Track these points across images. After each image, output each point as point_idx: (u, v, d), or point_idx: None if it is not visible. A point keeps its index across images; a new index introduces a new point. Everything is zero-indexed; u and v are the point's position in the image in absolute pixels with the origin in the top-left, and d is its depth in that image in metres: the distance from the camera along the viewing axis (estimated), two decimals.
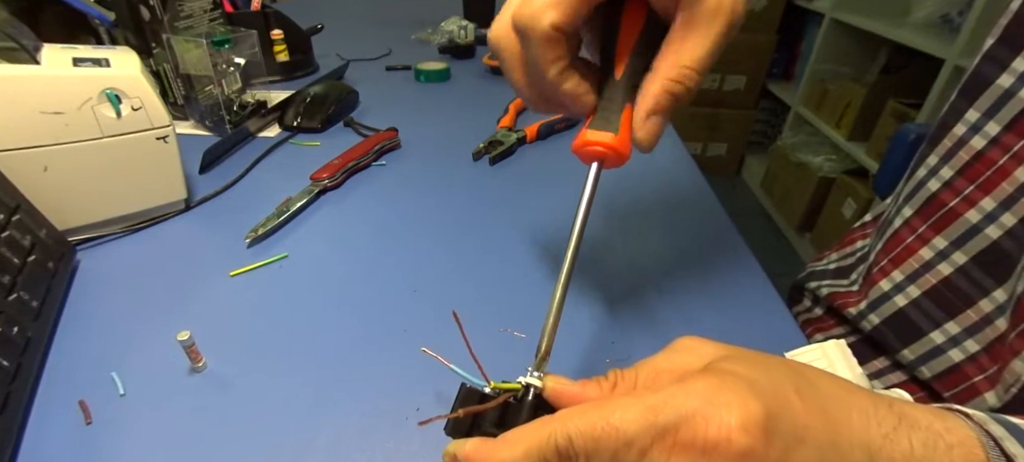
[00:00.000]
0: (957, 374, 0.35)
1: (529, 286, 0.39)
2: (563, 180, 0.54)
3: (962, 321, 0.34)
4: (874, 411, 0.18)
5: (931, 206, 0.36)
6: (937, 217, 0.36)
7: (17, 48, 0.38)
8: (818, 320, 0.50)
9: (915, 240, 0.37)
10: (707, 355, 0.20)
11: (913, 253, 0.37)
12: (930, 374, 0.37)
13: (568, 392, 0.21)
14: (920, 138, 0.65)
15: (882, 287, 0.39)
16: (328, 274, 0.40)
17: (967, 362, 0.34)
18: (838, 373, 0.23)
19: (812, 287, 0.50)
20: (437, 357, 0.24)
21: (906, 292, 0.38)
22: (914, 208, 0.38)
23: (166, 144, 0.43)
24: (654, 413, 0.17)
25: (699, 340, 0.22)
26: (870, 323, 0.41)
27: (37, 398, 0.29)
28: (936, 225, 0.36)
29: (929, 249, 0.36)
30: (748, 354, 0.20)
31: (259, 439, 0.27)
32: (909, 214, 0.38)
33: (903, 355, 0.38)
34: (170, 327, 0.31)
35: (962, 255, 0.34)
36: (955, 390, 0.35)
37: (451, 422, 0.21)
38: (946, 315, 0.35)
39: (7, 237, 0.32)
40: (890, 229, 0.40)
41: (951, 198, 0.35)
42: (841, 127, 1.71)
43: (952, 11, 1.44)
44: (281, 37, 0.80)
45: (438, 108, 0.74)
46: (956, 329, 0.35)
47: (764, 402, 0.17)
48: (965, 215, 0.34)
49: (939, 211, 0.35)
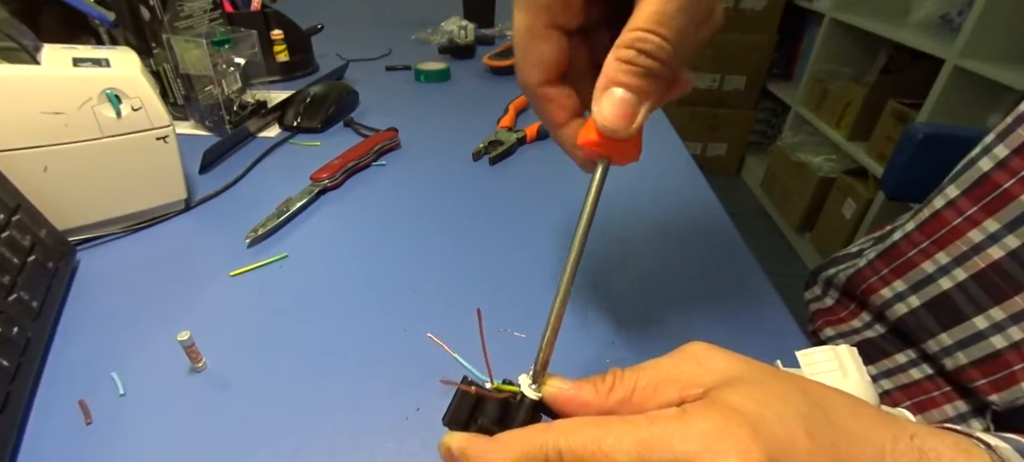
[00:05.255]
0: (997, 361, 0.34)
1: (529, 286, 0.39)
2: (563, 180, 0.54)
3: (1008, 307, 0.33)
4: (892, 447, 0.17)
5: (982, 187, 0.34)
6: (990, 199, 0.34)
7: (17, 48, 0.38)
8: (828, 311, 0.49)
9: (963, 222, 0.35)
10: (716, 371, 0.19)
11: (961, 235, 0.36)
12: (967, 360, 0.35)
13: (565, 397, 0.21)
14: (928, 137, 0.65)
15: (925, 269, 0.38)
16: (328, 274, 0.40)
17: (1009, 349, 0.33)
18: (849, 378, 0.23)
19: (830, 274, 0.49)
20: (441, 344, 0.24)
21: (952, 274, 0.36)
22: (961, 188, 0.36)
23: (166, 144, 0.43)
24: (647, 449, 0.16)
25: (709, 350, 0.20)
26: (908, 306, 0.39)
27: (37, 398, 0.29)
28: (988, 207, 0.34)
29: (979, 231, 0.34)
30: (761, 376, 0.19)
31: (259, 439, 0.27)
32: (955, 195, 0.36)
33: (940, 340, 0.37)
34: (170, 327, 0.31)
35: (1015, 239, 0.32)
36: (993, 377, 0.34)
37: (450, 413, 0.21)
38: (992, 300, 0.34)
39: (7, 237, 0.32)
40: (929, 209, 0.38)
41: (1006, 178, 0.33)
42: (841, 127, 1.71)
43: (952, 11, 1.44)
44: (281, 37, 0.80)
45: (438, 108, 0.74)
46: (1001, 315, 0.33)
47: (767, 450, 0.16)
48: (1021, 197, 0.32)
49: (992, 192, 0.34)
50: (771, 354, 0.30)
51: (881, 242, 0.43)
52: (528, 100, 0.25)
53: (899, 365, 0.42)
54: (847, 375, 0.22)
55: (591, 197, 0.23)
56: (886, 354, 0.43)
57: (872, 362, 0.44)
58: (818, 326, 0.50)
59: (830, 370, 0.23)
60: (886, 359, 0.43)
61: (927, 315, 0.38)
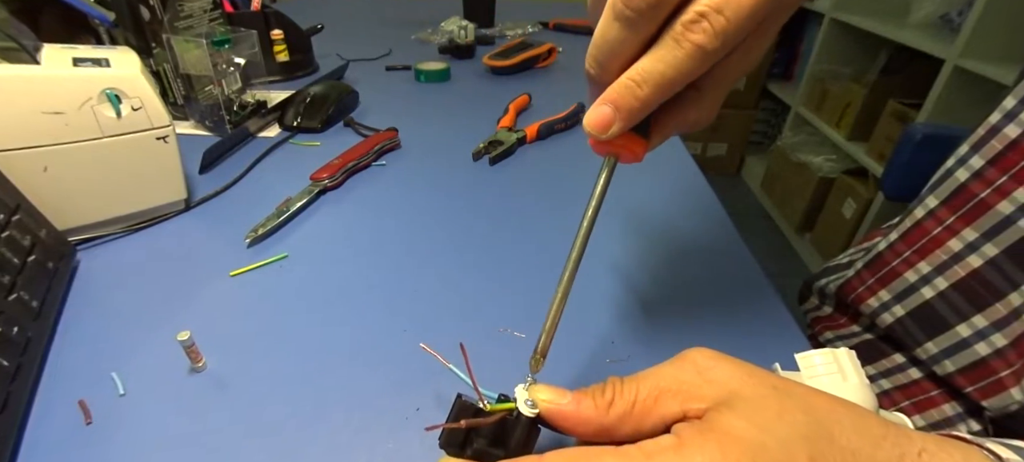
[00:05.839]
0: (983, 368, 0.34)
1: (529, 286, 0.39)
2: (563, 180, 0.54)
3: (990, 315, 0.33)
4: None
5: (960, 197, 0.35)
6: (967, 208, 0.34)
7: (17, 48, 0.38)
8: (827, 319, 0.49)
9: (943, 231, 0.36)
10: (717, 383, 0.19)
11: (941, 244, 0.36)
12: (954, 368, 0.36)
13: (563, 413, 0.20)
14: (928, 138, 0.65)
15: (908, 278, 0.38)
16: (328, 274, 0.40)
17: (993, 356, 0.34)
18: (848, 381, 0.22)
19: (822, 284, 0.50)
20: (434, 354, 0.24)
21: (933, 283, 0.37)
22: (940, 198, 0.37)
23: (166, 144, 0.43)
24: None
25: (711, 359, 0.20)
26: (893, 315, 0.40)
27: (37, 398, 0.29)
28: (966, 216, 0.34)
29: (958, 240, 0.35)
30: (763, 393, 0.18)
31: (259, 439, 0.27)
32: (934, 205, 0.37)
33: (926, 348, 0.37)
34: (170, 327, 0.31)
35: (993, 247, 0.33)
36: (980, 384, 0.34)
37: (445, 434, 0.21)
38: (974, 308, 0.34)
39: (7, 237, 0.32)
40: (910, 219, 0.39)
41: (982, 189, 0.34)
42: (841, 127, 1.71)
43: (952, 11, 1.45)
44: (281, 37, 0.80)
45: (438, 108, 0.74)
46: (983, 323, 0.34)
47: None
48: (997, 207, 0.33)
49: (969, 202, 0.34)
50: (770, 355, 0.30)
51: (868, 253, 0.43)
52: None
53: (898, 365, 0.42)
54: (846, 378, 0.22)
55: (598, 190, 0.24)
56: (884, 354, 0.43)
57: (871, 362, 0.44)
58: (817, 331, 0.51)
59: (829, 373, 0.23)
60: (884, 359, 0.43)
61: (912, 324, 0.39)
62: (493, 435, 0.21)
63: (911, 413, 0.40)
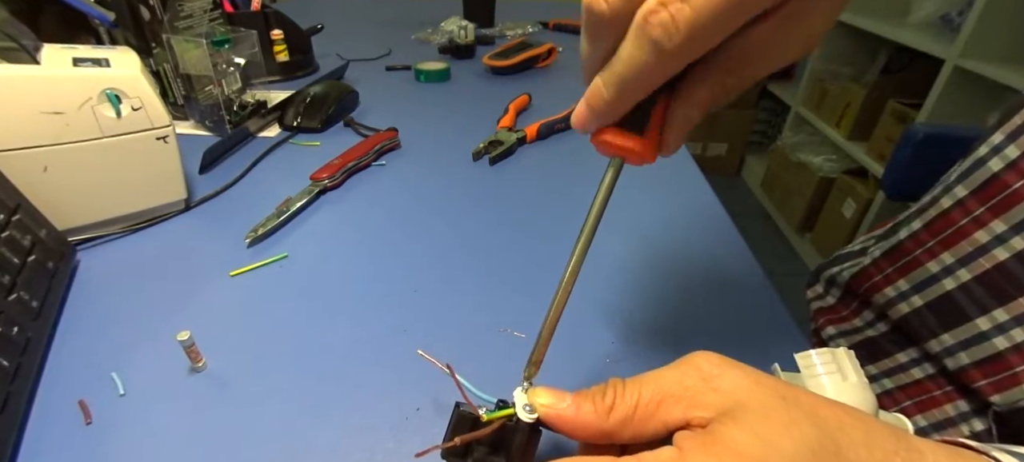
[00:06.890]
0: (999, 363, 0.34)
1: (529, 286, 0.39)
2: (563, 180, 0.54)
3: (1012, 309, 0.33)
4: None
5: (991, 187, 0.34)
6: (998, 199, 0.33)
7: (17, 48, 0.38)
8: (830, 310, 0.49)
9: (970, 222, 0.35)
10: (722, 391, 0.18)
11: (967, 236, 0.35)
12: (969, 361, 0.35)
13: (563, 418, 0.20)
14: (929, 137, 0.65)
15: (929, 268, 0.38)
16: (328, 274, 0.40)
17: (1011, 351, 0.33)
18: (848, 381, 0.22)
19: (833, 272, 0.49)
20: (432, 360, 0.24)
21: (956, 275, 0.36)
22: (969, 188, 0.35)
23: (166, 144, 0.43)
24: None
25: (715, 364, 0.19)
26: (910, 305, 0.39)
27: (37, 398, 0.29)
28: (996, 208, 0.33)
29: (986, 233, 0.34)
30: (769, 402, 0.17)
31: (259, 439, 0.27)
32: (963, 194, 0.36)
33: (941, 340, 0.37)
34: (170, 327, 0.31)
35: (1021, 240, 0.32)
36: (995, 378, 0.34)
37: (445, 450, 0.21)
38: (996, 302, 0.34)
39: (7, 237, 0.32)
40: (936, 208, 0.38)
41: (1015, 180, 0.32)
42: (841, 127, 1.71)
43: (952, 11, 1.45)
44: (281, 37, 0.80)
45: (438, 108, 0.74)
46: (1004, 316, 0.33)
47: None
48: None
49: (1001, 193, 0.33)
50: (770, 355, 0.30)
51: (885, 240, 0.43)
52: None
53: (900, 364, 0.42)
54: (846, 378, 0.22)
55: (602, 194, 0.23)
56: (887, 353, 0.43)
57: (873, 361, 0.44)
58: (820, 324, 0.50)
59: (828, 373, 0.23)
60: (887, 359, 0.43)
61: (929, 315, 0.38)
62: (494, 442, 0.21)
63: (913, 413, 0.40)
